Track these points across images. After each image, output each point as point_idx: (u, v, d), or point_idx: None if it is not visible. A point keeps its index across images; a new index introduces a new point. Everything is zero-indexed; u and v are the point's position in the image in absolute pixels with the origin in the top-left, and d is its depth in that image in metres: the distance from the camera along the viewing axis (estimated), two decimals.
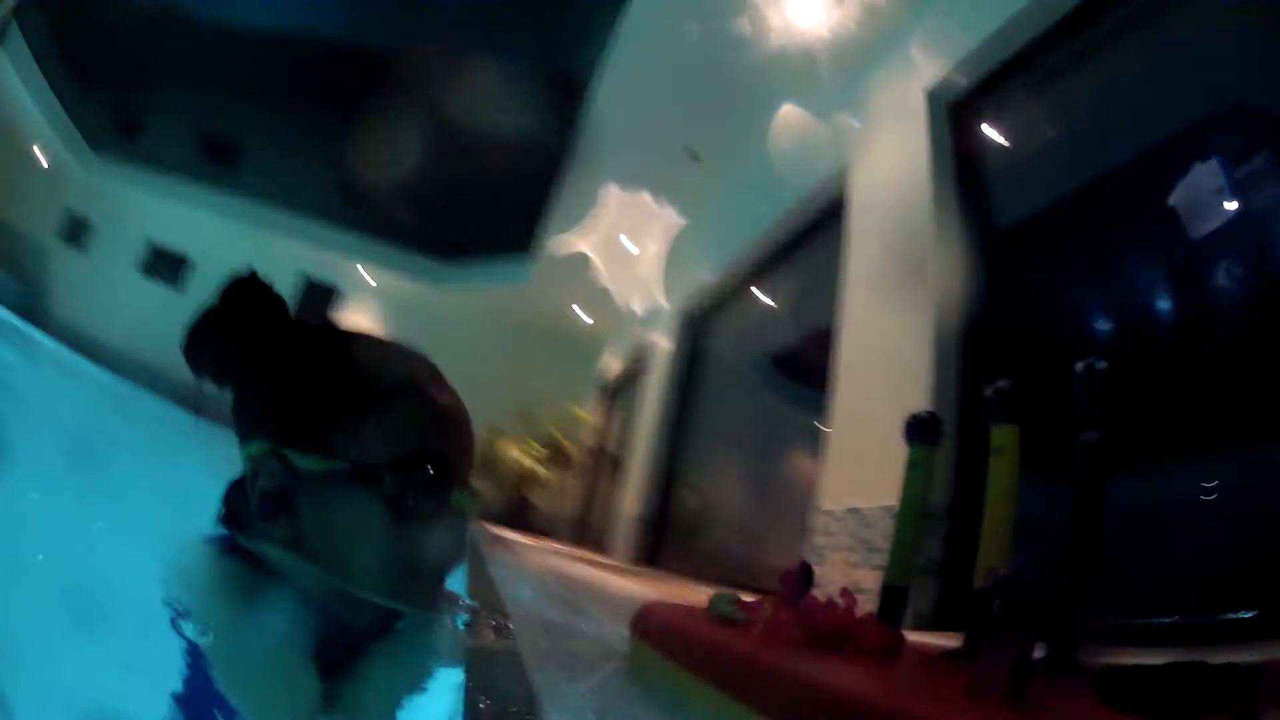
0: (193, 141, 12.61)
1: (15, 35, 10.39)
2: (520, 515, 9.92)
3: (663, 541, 6.16)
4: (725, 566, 4.49)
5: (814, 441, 3.63)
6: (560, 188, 7.47)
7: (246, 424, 0.83)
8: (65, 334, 10.92)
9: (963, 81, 3.34)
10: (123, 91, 12.43)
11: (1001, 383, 1.60)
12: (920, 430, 1.82)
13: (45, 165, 13.09)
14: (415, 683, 0.88)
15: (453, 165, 10.70)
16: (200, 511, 0.82)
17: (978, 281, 2.95)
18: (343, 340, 0.87)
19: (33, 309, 11.56)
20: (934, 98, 3.45)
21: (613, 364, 9.66)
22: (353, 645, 0.82)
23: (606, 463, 9.06)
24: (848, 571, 2.91)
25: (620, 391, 9.59)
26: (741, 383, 5.92)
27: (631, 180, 6.55)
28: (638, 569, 5.49)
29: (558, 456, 10.40)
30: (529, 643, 1.82)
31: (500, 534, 6.57)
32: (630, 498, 6.81)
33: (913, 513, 1.79)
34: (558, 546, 7.04)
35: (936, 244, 3.09)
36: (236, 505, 0.81)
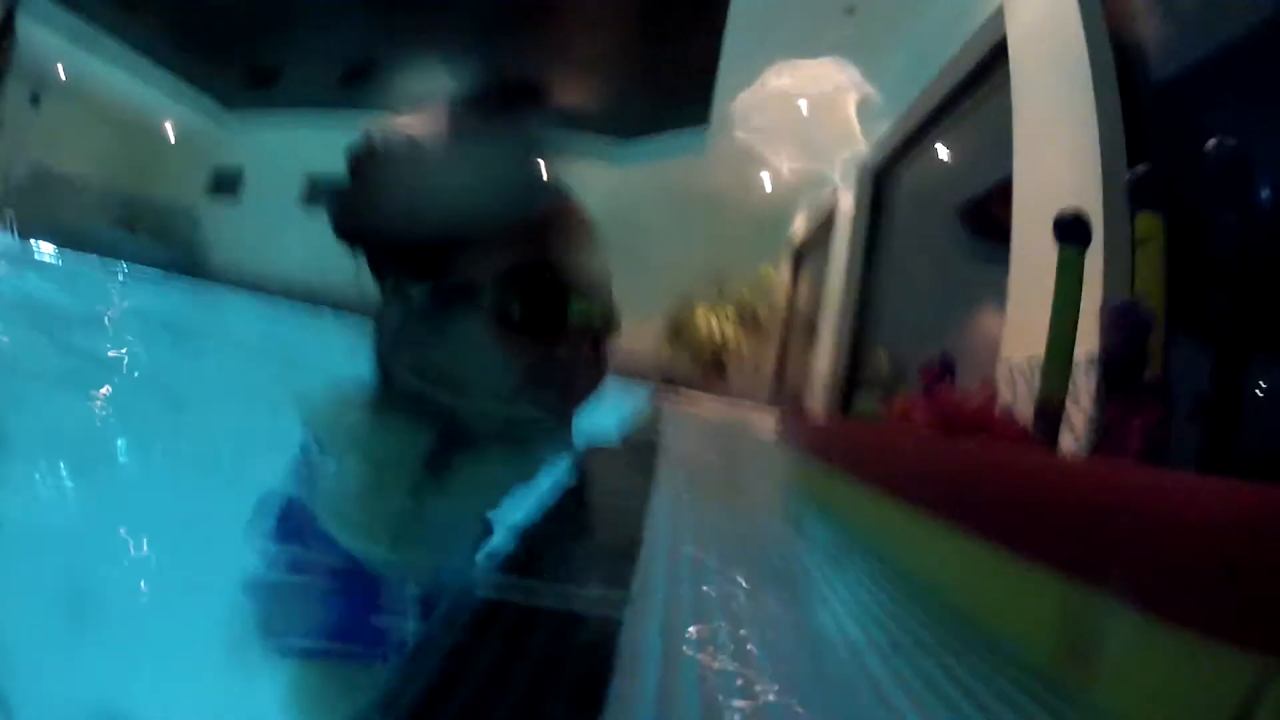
0: (329, 73, 13.08)
1: (117, 32, 11.00)
2: (715, 380, 10.07)
3: (856, 401, 6.08)
4: None
5: (1000, 293, 3.57)
6: (723, 57, 7.37)
7: (376, 266, 0.92)
8: (232, 279, 11.83)
9: None
10: (244, 47, 13.00)
11: (1142, 167, 1.57)
12: (1067, 230, 1.80)
13: (179, 135, 14.01)
14: (524, 475, 0.95)
15: (612, 47, 10.69)
16: None
17: (1142, 128, 2.82)
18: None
19: (195, 267, 12.57)
20: None
21: (799, 225, 9.57)
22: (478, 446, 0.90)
23: (800, 324, 9.06)
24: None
25: (809, 252, 9.51)
26: (927, 238, 5.78)
27: (793, 40, 6.44)
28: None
29: (751, 321, 10.45)
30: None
31: (694, 397, 6.70)
32: (823, 358, 6.83)
33: (1066, 318, 1.77)
34: (751, 407, 7.14)
35: (1095, 90, 2.96)
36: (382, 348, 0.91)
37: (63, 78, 11.51)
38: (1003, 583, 0.79)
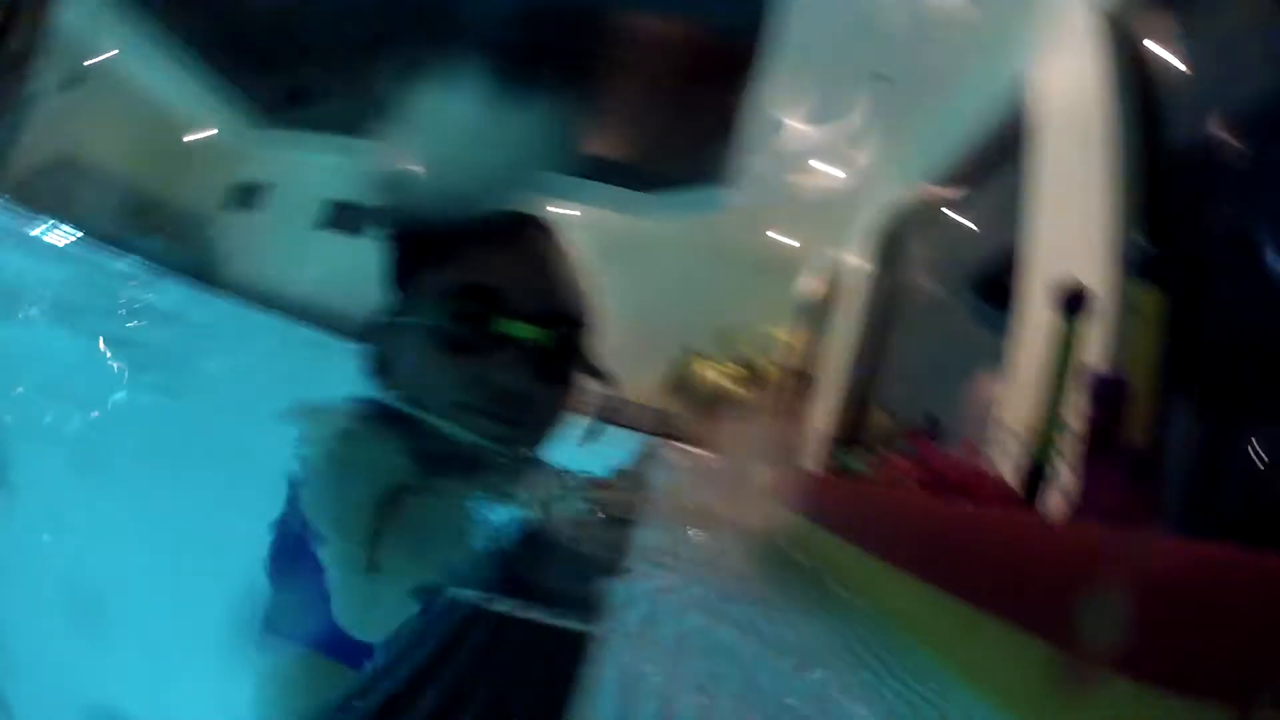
0: (360, 103, 13.33)
1: (160, 31, 11.12)
2: (715, 434, 10.03)
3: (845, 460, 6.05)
4: None
5: (1000, 359, 3.57)
6: (750, 117, 7.42)
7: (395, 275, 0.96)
8: (245, 292, 11.98)
9: None
10: (282, 67, 13.30)
11: (1143, 242, 1.56)
12: (1066, 301, 1.79)
13: (209, 141, 14.15)
14: (485, 505, 0.94)
15: (641, 102, 10.81)
16: None
17: (1158, 202, 2.85)
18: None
19: (208, 274, 12.72)
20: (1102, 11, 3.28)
21: (810, 285, 9.59)
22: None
23: (802, 382, 9.06)
24: None
25: (817, 312, 9.54)
26: (936, 303, 5.79)
27: (819, 104, 6.49)
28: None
29: (754, 377, 10.45)
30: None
31: (692, 451, 6.66)
32: (822, 417, 6.81)
33: (1059, 386, 1.76)
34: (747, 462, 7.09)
35: (1113, 164, 2.97)
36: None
37: (98, 66, 11.53)
38: (983, 642, 0.77)
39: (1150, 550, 0.61)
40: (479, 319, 0.84)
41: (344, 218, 13.69)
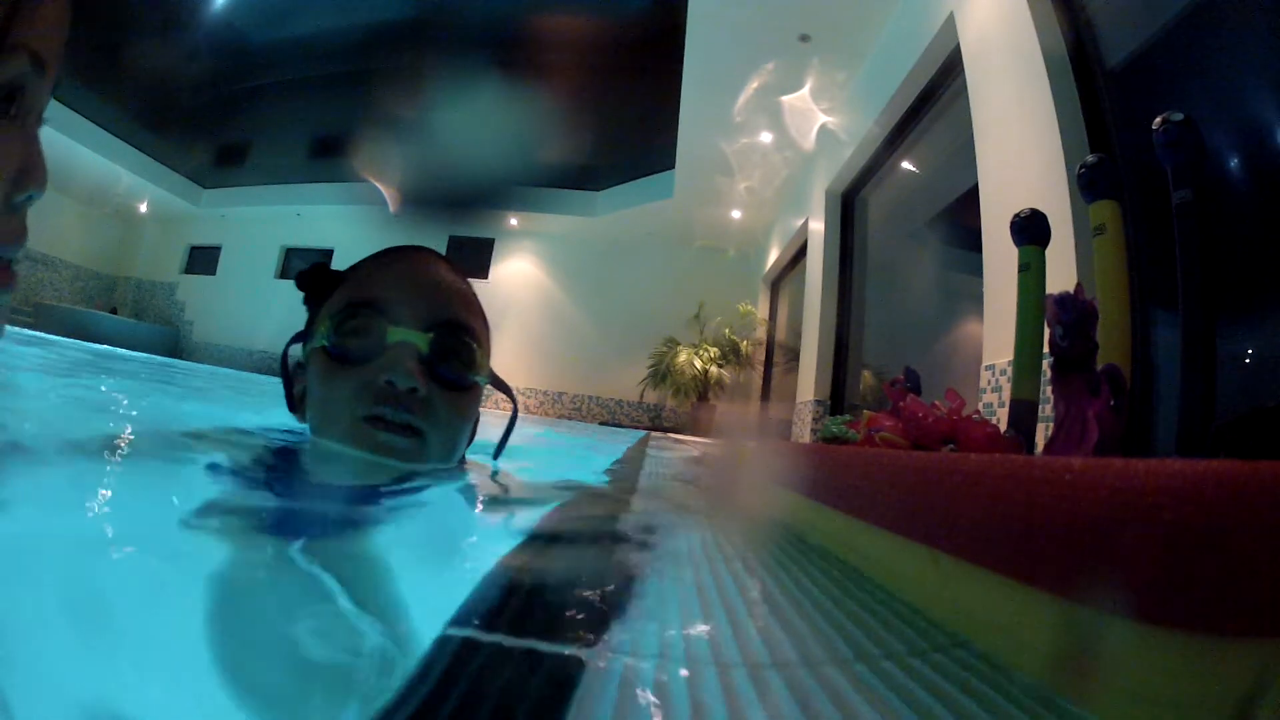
0: (296, 148, 13.42)
1: (89, 117, 11.17)
2: (703, 419, 10.02)
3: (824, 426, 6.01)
4: None
5: (979, 300, 3.53)
6: (684, 97, 7.38)
7: None
8: (213, 355, 12.37)
9: None
10: (212, 129, 13.41)
11: (1090, 158, 1.52)
12: (1022, 230, 1.75)
13: (156, 214, 14.29)
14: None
15: (574, 104, 10.81)
16: None
17: (1103, 118, 2.83)
18: None
19: (181, 346, 13.58)
20: None
21: (773, 256, 9.55)
22: None
23: (781, 352, 9.06)
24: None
25: (784, 282, 9.53)
26: (902, 254, 5.79)
27: (752, 74, 6.46)
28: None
29: (733, 355, 10.45)
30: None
31: (682, 439, 6.64)
32: (806, 385, 6.79)
33: (1031, 318, 1.72)
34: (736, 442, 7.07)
35: (1051, 86, 2.95)
36: None
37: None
38: (987, 599, 0.72)
39: (1147, 476, 0.56)
40: (365, 331, 0.91)
41: (297, 263, 13.80)
